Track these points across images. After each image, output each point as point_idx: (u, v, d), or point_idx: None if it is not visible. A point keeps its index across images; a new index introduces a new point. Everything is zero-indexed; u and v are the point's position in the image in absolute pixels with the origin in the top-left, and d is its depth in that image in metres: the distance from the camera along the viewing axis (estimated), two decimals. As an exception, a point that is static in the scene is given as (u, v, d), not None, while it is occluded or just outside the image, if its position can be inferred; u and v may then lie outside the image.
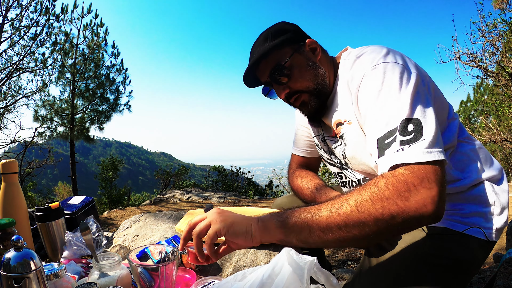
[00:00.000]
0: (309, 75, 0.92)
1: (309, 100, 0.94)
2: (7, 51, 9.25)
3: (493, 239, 0.85)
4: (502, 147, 7.27)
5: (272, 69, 0.92)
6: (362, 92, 0.79)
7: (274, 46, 0.91)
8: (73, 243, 1.00)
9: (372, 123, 0.74)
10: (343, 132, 0.92)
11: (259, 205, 5.51)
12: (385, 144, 0.68)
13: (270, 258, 0.94)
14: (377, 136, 0.71)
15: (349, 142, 0.92)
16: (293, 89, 0.94)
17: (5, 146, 10.45)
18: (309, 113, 0.98)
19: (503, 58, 6.06)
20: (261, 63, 0.94)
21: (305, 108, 0.97)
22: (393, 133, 0.68)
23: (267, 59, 0.93)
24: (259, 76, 0.98)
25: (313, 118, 1.00)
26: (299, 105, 0.97)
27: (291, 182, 1.22)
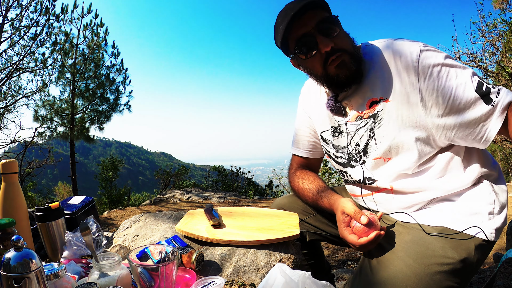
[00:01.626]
0: (350, 40, 0.95)
1: (349, 62, 0.92)
2: (7, 51, 9.25)
3: (492, 239, 0.85)
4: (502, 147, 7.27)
5: (322, 19, 0.90)
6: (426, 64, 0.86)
7: (323, 3, 0.92)
8: (73, 243, 1.00)
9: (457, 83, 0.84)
10: (378, 110, 0.93)
11: (259, 205, 5.51)
12: (484, 91, 0.82)
13: (270, 258, 0.94)
14: (473, 89, 0.82)
15: (385, 119, 0.92)
16: (338, 46, 0.91)
17: (5, 146, 10.45)
18: (346, 76, 0.93)
19: (503, 58, 6.06)
20: (307, 12, 0.90)
21: (344, 70, 0.92)
22: (481, 84, 0.83)
23: (316, 11, 0.91)
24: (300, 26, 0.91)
25: (347, 84, 0.95)
26: (338, 65, 0.92)
27: (292, 182, 1.22)
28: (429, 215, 0.91)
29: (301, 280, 0.60)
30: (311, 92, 1.15)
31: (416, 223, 0.91)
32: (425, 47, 0.88)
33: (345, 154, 1.04)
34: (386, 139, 0.93)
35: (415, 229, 0.89)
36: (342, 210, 0.92)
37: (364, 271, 0.89)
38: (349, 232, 0.90)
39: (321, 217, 1.20)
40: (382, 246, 0.90)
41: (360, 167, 1.01)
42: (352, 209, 0.89)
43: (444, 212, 0.90)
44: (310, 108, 1.15)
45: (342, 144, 1.05)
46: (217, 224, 1.08)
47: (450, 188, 0.90)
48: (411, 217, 0.93)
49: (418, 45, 0.88)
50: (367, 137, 0.97)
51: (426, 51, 0.87)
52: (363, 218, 0.85)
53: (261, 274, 0.90)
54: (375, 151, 0.96)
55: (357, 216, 0.87)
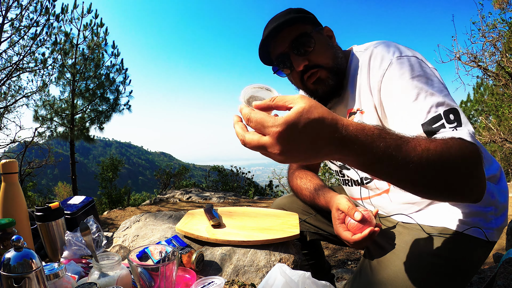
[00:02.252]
0: (329, 53, 0.93)
1: (326, 78, 0.92)
2: (7, 51, 9.25)
3: (493, 239, 0.85)
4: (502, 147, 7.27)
5: (296, 37, 0.90)
6: (389, 81, 0.80)
7: (299, 18, 0.91)
8: (73, 243, 1.00)
9: (409, 108, 0.75)
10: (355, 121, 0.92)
11: (259, 205, 5.51)
12: (433, 127, 0.70)
13: (270, 258, 0.94)
14: (421, 121, 0.72)
15: None
16: (313, 62, 0.91)
17: (5, 146, 10.45)
18: (324, 92, 0.93)
19: (503, 58, 6.06)
20: (283, 31, 0.91)
21: (321, 86, 0.93)
22: (437, 119, 0.71)
23: (291, 28, 0.90)
24: (277, 46, 0.93)
25: (327, 98, 0.96)
26: (314, 82, 0.93)
27: (290, 182, 1.22)
28: (429, 216, 0.91)
29: (301, 280, 0.60)
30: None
31: (416, 223, 0.91)
32: (397, 59, 0.80)
33: None
34: None
35: (415, 230, 0.89)
36: (336, 207, 0.92)
37: (364, 271, 0.89)
38: (344, 228, 0.89)
39: (321, 217, 1.20)
40: (382, 246, 0.90)
41: (354, 170, 1.01)
42: (346, 206, 0.88)
43: (444, 212, 0.89)
44: None
45: None
46: (217, 224, 1.08)
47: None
48: (411, 218, 0.93)
49: (391, 57, 0.81)
50: None
51: (395, 65, 0.80)
52: (356, 215, 0.84)
53: (261, 274, 0.90)
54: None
55: (351, 213, 0.86)
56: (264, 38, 0.92)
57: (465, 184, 0.63)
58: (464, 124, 0.70)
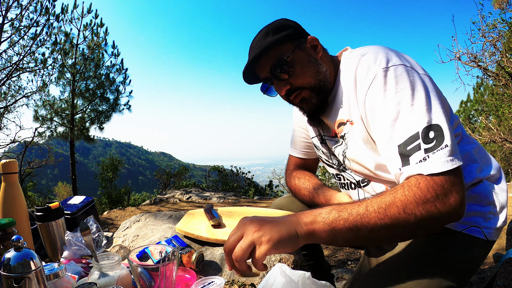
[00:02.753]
0: (310, 71, 0.91)
1: (309, 97, 0.92)
2: (7, 51, 9.25)
3: (492, 239, 0.85)
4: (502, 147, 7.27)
5: (273, 64, 0.91)
6: (373, 94, 0.78)
7: (276, 41, 0.89)
8: (73, 243, 1.00)
9: (388, 128, 0.74)
10: (345, 132, 0.92)
11: (259, 205, 5.51)
12: (408, 150, 0.70)
13: (270, 258, 0.94)
14: (398, 142, 0.72)
15: (350, 142, 0.91)
16: (294, 85, 0.92)
17: (5, 146, 10.45)
18: (310, 110, 0.96)
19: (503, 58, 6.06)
20: (261, 58, 0.92)
21: (306, 105, 0.95)
22: (414, 139, 0.70)
23: (268, 54, 0.91)
24: (259, 71, 0.96)
25: (313, 116, 0.98)
26: (299, 102, 0.95)
27: (288, 183, 1.22)
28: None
29: (301, 280, 0.60)
30: None
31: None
32: (383, 70, 0.77)
33: (335, 160, 1.04)
34: (355, 162, 0.93)
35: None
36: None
37: (364, 271, 0.89)
38: None
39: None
40: (382, 246, 0.89)
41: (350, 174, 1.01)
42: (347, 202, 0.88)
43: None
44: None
45: (330, 151, 1.05)
46: (217, 224, 1.08)
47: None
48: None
49: (377, 68, 0.78)
50: (342, 157, 0.98)
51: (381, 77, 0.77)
52: None
53: (261, 274, 0.90)
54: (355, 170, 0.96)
55: None
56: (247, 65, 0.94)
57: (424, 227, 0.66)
58: (446, 140, 0.68)
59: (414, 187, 0.66)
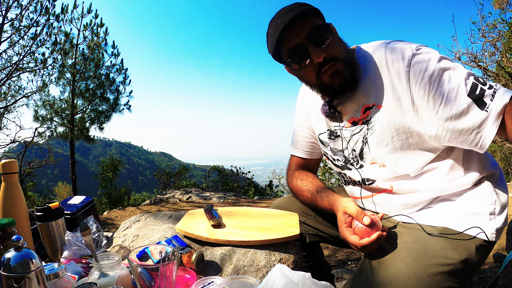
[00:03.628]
0: (343, 46, 0.94)
1: (343, 70, 0.91)
2: (7, 51, 9.25)
3: (493, 239, 0.85)
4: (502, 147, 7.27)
5: (313, 28, 0.88)
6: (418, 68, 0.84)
7: (312, 11, 0.90)
8: (73, 243, 1.00)
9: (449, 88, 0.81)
10: (371, 116, 0.92)
11: (259, 205, 5.51)
12: (478, 94, 0.79)
13: (270, 258, 0.94)
14: (465, 93, 0.80)
15: (377, 126, 0.91)
16: (330, 55, 0.90)
17: (5, 146, 10.45)
18: (340, 84, 0.92)
19: (503, 58, 6.06)
20: (297, 22, 0.88)
21: (337, 78, 0.91)
22: (475, 86, 0.80)
23: (306, 20, 0.89)
24: (291, 37, 0.90)
25: (341, 92, 0.94)
26: (331, 75, 0.91)
27: (290, 183, 1.21)
28: (430, 216, 0.91)
29: (301, 281, 0.60)
30: (310, 92, 1.14)
31: (416, 223, 0.91)
32: (418, 50, 0.85)
33: (342, 157, 1.04)
34: (379, 146, 0.93)
35: (415, 230, 0.89)
36: (344, 211, 0.91)
37: (365, 271, 0.89)
38: (351, 232, 0.90)
39: (321, 219, 1.20)
40: (383, 246, 0.89)
41: (357, 171, 1.00)
42: (354, 210, 0.88)
43: (445, 212, 0.89)
44: (308, 108, 1.15)
45: (338, 148, 1.05)
46: (217, 224, 1.08)
47: (451, 188, 0.90)
48: (412, 218, 0.93)
49: (411, 48, 0.86)
50: (361, 144, 0.97)
51: (418, 54, 0.85)
52: (365, 219, 0.85)
53: (261, 274, 0.90)
54: (370, 157, 0.96)
55: (360, 217, 0.86)
56: (281, 30, 0.88)
57: None
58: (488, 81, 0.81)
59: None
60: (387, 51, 0.89)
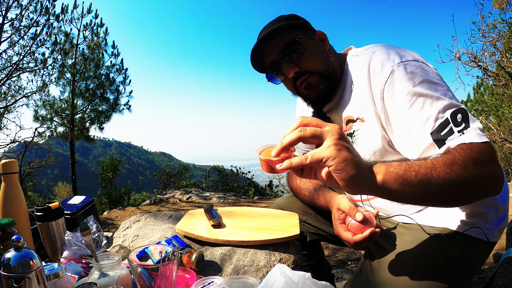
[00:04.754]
0: (320, 57, 0.93)
1: (317, 83, 0.92)
2: (7, 51, 9.26)
3: (493, 240, 0.85)
4: (502, 147, 7.27)
5: (284, 45, 0.90)
6: (391, 90, 0.79)
7: (288, 25, 0.91)
8: (73, 243, 1.00)
9: (416, 119, 0.75)
10: (354, 129, 0.92)
11: (259, 205, 5.51)
12: (442, 136, 0.72)
13: (270, 258, 0.94)
14: (430, 130, 0.73)
15: (360, 140, 0.91)
16: (303, 69, 0.91)
17: (5, 146, 10.46)
18: (316, 97, 0.94)
19: (503, 58, 6.06)
20: (272, 39, 0.92)
21: (312, 91, 0.93)
22: (445, 125, 0.72)
23: (278, 37, 0.91)
24: (267, 55, 0.95)
25: (319, 103, 0.96)
26: (306, 87, 0.93)
27: (290, 182, 1.22)
28: (430, 216, 0.91)
29: (301, 280, 0.60)
30: None
31: (416, 224, 0.91)
32: (398, 66, 0.79)
33: None
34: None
35: (415, 230, 0.89)
36: (337, 207, 0.92)
37: (365, 271, 0.89)
38: (344, 229, 0.89)
39: (321, 218, 1.20)
40: (383, 246, 0.89)
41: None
42: (347, 206, 0.88)
43: (445, 213, 0.89)
44: (306, 108, 1.15)
45: None
46: (217, 224, 1.08)
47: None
48: (412, 218, 0.93)
49: (391, 64, 0.80)
50: None
51: (398, 71, 0.78)
52: (358, 215, 0.84)
53: (261, 274, 0.90)
54: None
55: (352, 213, 0.86)
56: (255, 47, 0.93)
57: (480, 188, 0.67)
58: (471, 122, 0.71)
59: (468, 149, 0.67)
60: (371, 62, 0.85)
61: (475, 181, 0.65)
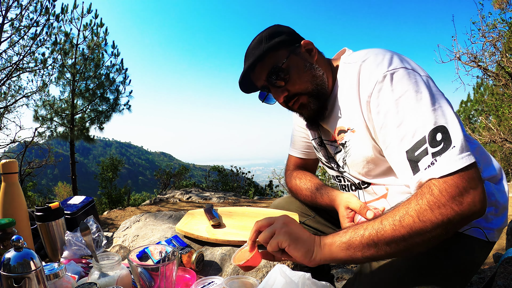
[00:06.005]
0: (307, 76, 0.90)
1: (308, 102, 0.92)
2: (7, 51, 9.25)
3: (493, 239, 0.85)
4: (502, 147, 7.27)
5: (269, 72, 0.90)
6: (376, 101, 0.77)
7: (270, 48, 0.89)
8: (73, 243, 1.00)
9: (394, 134, 0.73)
10: (346, 140, 0.91)
11: (259, 205, 5.51)
12: (416, 156, 0.69)
13: (270, 258, 0.94)
14: (405, 148, 0.71)
15: (352, 150, 0.91)
16: (291, 92, 0.91)
17: (5, 146, 10.45)
18: (309, 115, 0.95)
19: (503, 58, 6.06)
20: (256, 66, 0.91)
21: (305, 111, 0.94)
22: (421, 144, 0.69)
23: (263, 62, 0.90)
24: (255, 80, 0.96)
25: (312, 121, 0.98)
26: (298, 108, 0.94)
27: (289, 183, 1.21)
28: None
29: (301, 281, 0.60)
30: None
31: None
32: (385, 76, 0.76)
33: (334, 163, 1.04)
34: (356, 170, 0.93)
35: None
36: (346, 205, 0.92)
37: (365, 271, 0.89)
38: None
39: (321, 219, 1.20)
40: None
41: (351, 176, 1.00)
42: (357, 204, 0.89)
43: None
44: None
45: (329, 154, 1.05)
46: (217, 224, 1.08)
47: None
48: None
49: (378, 74, 0.77)
50: (342, 163, 0.98)
51: (385, 81, 0.76)
52: (369, 213, 0.86)
53: (261, 274, 0.90)
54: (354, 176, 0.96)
55: (363, 211, 0.87)
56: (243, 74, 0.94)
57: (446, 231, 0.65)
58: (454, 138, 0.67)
59: (427, 194, 0.65)
60: (361, 71, 0.83)
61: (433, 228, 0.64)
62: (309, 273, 0.63)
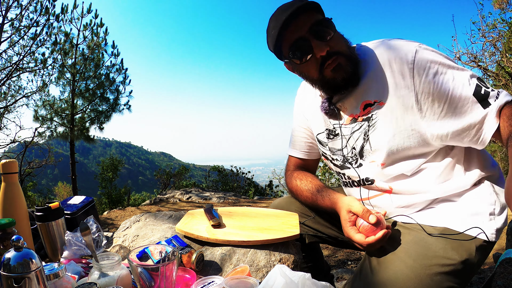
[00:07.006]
0: (344, 41, 0.94)
1: (346, 65, 0.90)
2: (7, 51, 9.25)
3: (493, 240, 0.85)
4: (502, 147, 7.27)
5: (315, 22, 0.88)
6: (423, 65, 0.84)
7: (315, 5, 0.89)
8: (73, 243, 1.00)
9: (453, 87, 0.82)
10: (373, 113, 0.92)
11: (259, 205, 5.51)
12: (483, 95, 0.80)
13: (270, 258, 0.94)
14: (471, 93, 0.81)
15: (379, 123, 0.91)
16: (334, 49, 0.89)
17: (5, 146, 10.45)
18: (343, 79, 0.91)
19: (503, 58, 6.06)
20: (300, 16, 0.88)
21: (340, 73, 0.90)
22: (480, 87, 0.81)
23: (308, 13, 0.88)
24: (292, 31, 0.89)
25: (344, 86, 0.93)
26: (334, 68, 0.90)
27: (289, 184, 1.21)
28: (430, 216, 0.91)
29: (301, 281, 0.60)
30: (307, 92, 1.14)
31: (417, 224, 0.91)
32: (420, 47, 0.86)
33: (340, 156, 1.04)
34: (380, 143, 0.92)
35: (416, 230, 0.89)
36: (348, 209, 0.91)
37: (365, 271, 0.89)
38: (355, 231, 0.89)
39: (320, 219, 1.19)
40: (383, 246, 0.89)
41: (355, 170, 1.00)
42: (360, 208, 0.89)
43: (445, 212, 0.89)
44: (306, 109, 1.15)
45: (337, 147, 1.04)
46: (217, 224, 1.08)
47: (451, 189, 0.89)
48: (412, 218, 0.93)
49: (414, 45, 0.86)
50: (362, 141, 0.97)
51: (422, 50, 0.85)
52: (371, 218, 0.85)
53: (261, 274, 0.90)
54: (370, 155, 0.96)
55: (366, 215, 0.87)
56: (282, 23, 0.87)
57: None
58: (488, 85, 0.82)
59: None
60: (390, 48, 0.89)
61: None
62: (309, 273, 0.63)
